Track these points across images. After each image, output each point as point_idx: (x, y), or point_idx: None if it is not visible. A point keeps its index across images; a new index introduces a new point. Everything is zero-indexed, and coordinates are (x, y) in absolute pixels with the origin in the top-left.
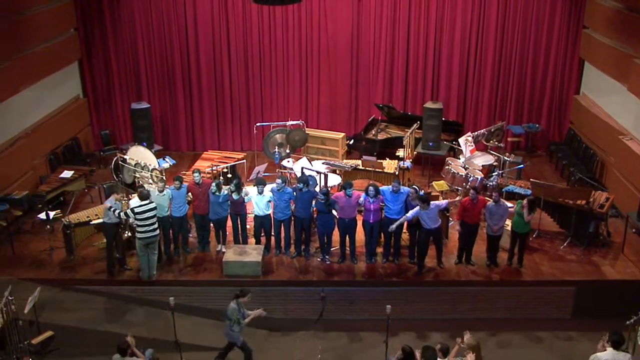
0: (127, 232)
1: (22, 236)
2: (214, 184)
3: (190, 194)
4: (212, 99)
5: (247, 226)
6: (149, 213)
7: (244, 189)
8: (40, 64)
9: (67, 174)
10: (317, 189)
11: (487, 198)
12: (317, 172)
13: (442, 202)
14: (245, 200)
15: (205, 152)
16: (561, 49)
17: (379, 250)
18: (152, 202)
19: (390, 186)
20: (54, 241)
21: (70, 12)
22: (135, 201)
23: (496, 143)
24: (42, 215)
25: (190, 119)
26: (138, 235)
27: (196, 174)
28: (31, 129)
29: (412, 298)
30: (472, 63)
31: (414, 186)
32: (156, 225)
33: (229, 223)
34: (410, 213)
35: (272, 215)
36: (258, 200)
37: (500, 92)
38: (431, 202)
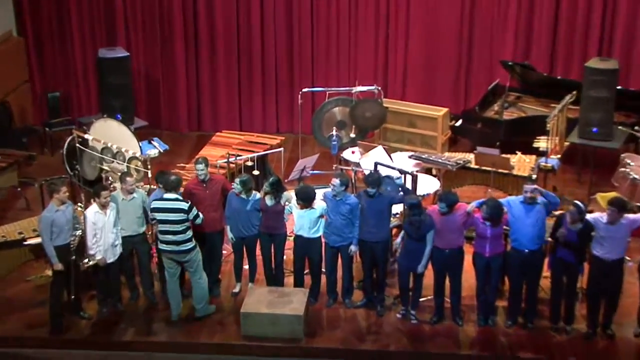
0: (87, 260)
1: None
2: (237, 180)
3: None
4: (230, 50)
5: (284, 256)
6: (172, 215)
7: (285, 193)
8: None
9: None
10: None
11: None
12: (401, 172)
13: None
14: (286, 212)
15: (217, 134)
16: None
17: (500, 303)
18: (180, 199)
19: (520, 196)
20: None
21: None
22: (157, 193)
23: None
24: None
25: (195, 80)
26: (160, 246)
27: (200, 166)
28: None
29: None
30: None
31: (576, 202)
32: (186, 236)
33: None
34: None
35: (323, 239)
36: (303, 215)
37: None
38: (626, 215)
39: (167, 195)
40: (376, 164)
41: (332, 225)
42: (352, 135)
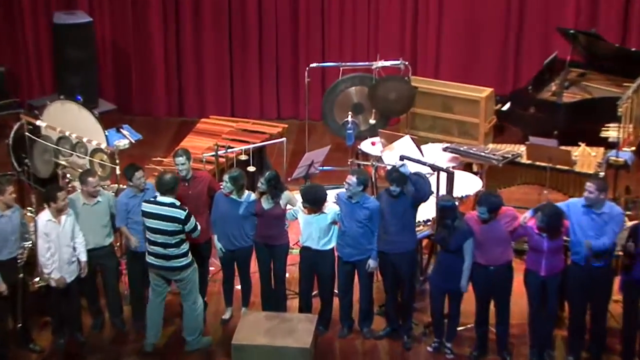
0: (38, 279)
1: None
2: (227, 177)
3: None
4: (219, 14)
5: (287, 273)
6: (165, 224)
7: (285, 193)
8: None
9: None
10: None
11: None
12: (433, 168)
13: None
14: (289, 217)
15: (203, 120)
16: None
17: (559, 333)
18: (177, 205)
19: (581, 199)
20: None
21: None
22: (127, 192)
23: None
24: None
25: (175, 53)
26: (148, 258)
27: (181, 160)
28: None
29: None
30: None
31: None
32: (180, 250)
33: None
34: None
35: (335, 252)
36: (310, 222)
37: None
38: None
39: (161, 199)
40: (402, 158)
41: (347, 234)
42: (372, 121)
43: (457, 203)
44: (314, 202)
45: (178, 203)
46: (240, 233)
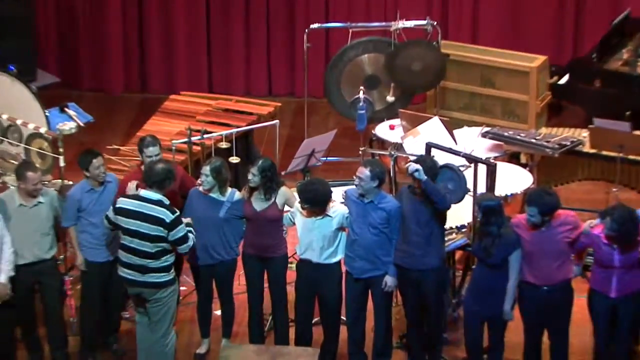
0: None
1: None
2: (206, 168)
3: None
4: None
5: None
6: (146, 226)
7: (283, 190)
8: None
9: None
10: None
11: None
12: (469, 159)
13: None
14: (285, 222)
15: (172, 97)
16: None
17: None
18: (166, 203)
19: None
20: None
21: None
22: (83, 185)
23: None
24: None
25: (137, 13)
26: (119, 270)
27: (154, 150)
28: None
29: None
30: None
31: None
32: (160, 262)
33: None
34: None
35: (343, 266)
36: (311, 227)
37: None
38: None
39: (146, 193)
40: (429, 146)
41: (358, 243)
42: (390, 99)
43: (501, 203)
44: (314, 202)
45: (167, 202)
46: (222, 242)
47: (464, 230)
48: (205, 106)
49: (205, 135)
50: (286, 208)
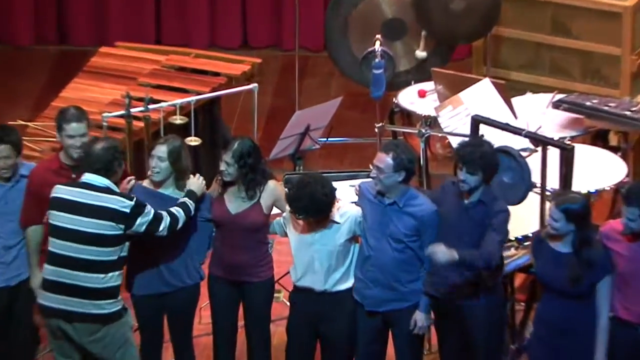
0: None
1: None
2: (160, 151)
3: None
4: None
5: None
6: (89, 222)
7: (272, 185)
8: None
9: None
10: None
11: None
12: (534, 140)
13: None
14: (274, 231)
15: (102, 51)
16: None
17: None
18: (114, 189)
19: None
20: None
21: None
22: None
23: None
24: None
25: None
26: (40, 298)
27: (79, 127)
28: None
29: None
30: None
31: None
32: (105, 280)
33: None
34: None
35: (352, 292)
36: (310, 241)
37: None
38: None
39: (91, 179)
40: (476, 121)
41: (373, 262)
42: (421, 54)
43: (587, 203)
44: (313, 210)
45: (117, 189)
46: (179, 259)
47: (528, 243)
48: (151, 63)
49: (151, 106)
50: (275, 210)
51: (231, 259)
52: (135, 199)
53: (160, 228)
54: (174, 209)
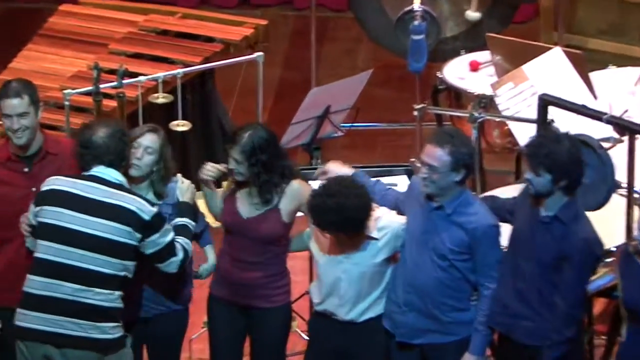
0: None
1: None
2: (153, 139)
3: None
4: None
5: None
6: (98, 222)
7: (294, 186)
8: None
9: None
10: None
11: None
12: (619, 127)
13: None
14: (295, 248)
15: (62, 9)
16: None
17: None
18: (126, 186)
19: None
20: None
21: None
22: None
23: None
24: None
25: None
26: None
27: (15, 102)
28: None
29: None
30: None
31: None
32: (113, 299)
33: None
34: None
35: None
36: (341, 260)
37: None
38: None
39: (100, 171)
40: (544, 102)
41: (410, 280)
42: (473, 15)
43: None
44: (343, 225)
45: (127, 185)
46: (162, 278)
47: (611, 260)
48: (126, 25)
49: (125, 81)
50: (299, 214)
51: (239, 275)
52: (157, 210)
53: (168, 261)
54: (184, 243)
